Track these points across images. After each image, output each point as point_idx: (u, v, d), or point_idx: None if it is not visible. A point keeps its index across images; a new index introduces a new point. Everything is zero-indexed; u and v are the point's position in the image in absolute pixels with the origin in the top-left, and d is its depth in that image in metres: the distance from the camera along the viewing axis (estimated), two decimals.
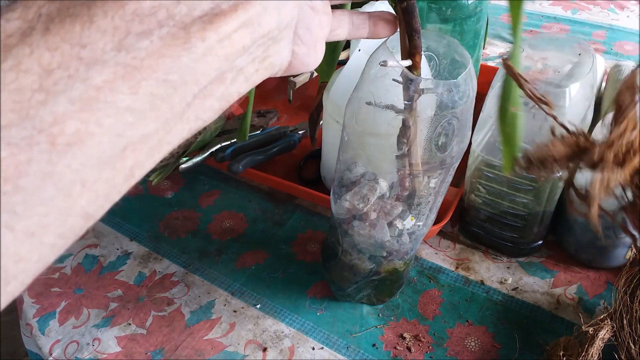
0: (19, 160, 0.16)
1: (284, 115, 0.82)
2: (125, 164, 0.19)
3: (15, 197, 0.16)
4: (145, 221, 0.67)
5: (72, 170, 0.17)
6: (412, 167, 0.41)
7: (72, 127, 0.17)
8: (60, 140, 0.17)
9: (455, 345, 0.52)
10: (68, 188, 0.18)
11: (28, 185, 0.16)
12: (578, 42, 0.53)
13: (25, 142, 0.16)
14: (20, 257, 0.17)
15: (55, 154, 0.17)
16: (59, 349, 0.53)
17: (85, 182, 0.18)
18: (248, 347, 0.52)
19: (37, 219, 0.17)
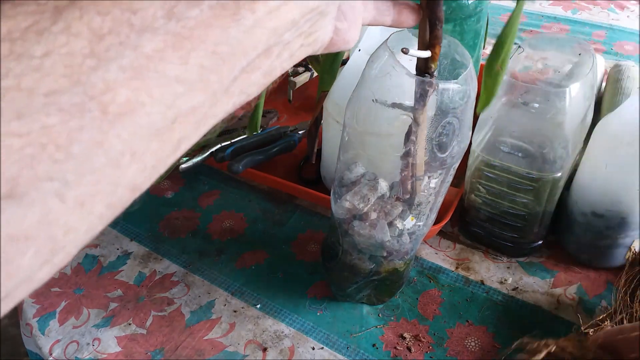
0: (70, 127, 0.16)
1: (284, 115, 0.82)
2: (173, 135, 0.19)
3: (67, 164, 0.16)
4: (145, 221, 0.67)
5: (122, 140, 0.17)
6: (414, 168, 0.41)
7: (123, 95, 0.17)
8: (111, 109, 0.16)
9: (455, 345, 0.52)
10: (118, 158, 0.17)
11: (80, 153, 0.16)
12: (578, 42, 0.53)
13: (77, 108, 0.16)
14: (70, 228, 0.17)
15: (106, 122, 0.16)
16: (59, 349, 0.53)
17: (135, 152, 0.18)
18: (248, 347, 0.52)
19: (87, 189, 0.17)
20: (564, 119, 0.48)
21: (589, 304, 0.55)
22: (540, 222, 0.57)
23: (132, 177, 0.18)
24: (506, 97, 0.51)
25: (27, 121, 0.15)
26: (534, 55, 0.53)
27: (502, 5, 1.13)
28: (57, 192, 0.16)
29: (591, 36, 1.02)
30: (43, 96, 0.15)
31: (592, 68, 0.49)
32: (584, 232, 0.56)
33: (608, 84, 0.71)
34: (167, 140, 0.19)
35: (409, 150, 0.40)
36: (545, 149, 0.51)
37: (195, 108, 0.19)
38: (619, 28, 1.04)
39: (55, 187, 0.16)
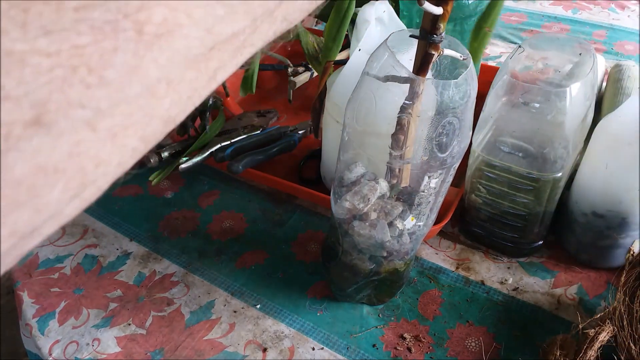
0: (104, 48, 0.14)
1: (284, 115, 0.82)
2: (210, 64, 0.17)
3: (100, 91, 0.14)
4: (145, 221, 0.66)
5: (158, 66, 0.15)
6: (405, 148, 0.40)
7: (160, 14, 0.15)
8: (148, 29, 0.15)
9: (455, 345, 0.52)
10: (154, 86, 0.16)
11: (114, 78, 0.14)
12: (579, 41, 0.53)
13: (111, 27, 0.14)
14: (101, 160, 0.15)
15: (142, 44, 0.15)
16: (59, 349, 0.53)
17: (171, 81, 0.16)
18: (248, 348, 0.52)
19: (121, 119, 0.15)
20: (564, 118, 0.48)
21: (589, 304, 0.55)
22: (540, 222, 0.56)
23: (167, 108, 0.17)
24: (506, 97, 0.50)
25: (56, 39, 0.13)
26: (535, 55, 0.53)
27: None
28: (89, 121, 0.14)
29: (592, 36, 1.02)
30: (73, 10, 0.14)
31: (592, 68, 0.49)
32: (584, 232, 0.56)
33: (608, 83, 0.71)
34: (204, 69, 0.17)
35: (402, 126, 0.38)
36: (546, 149, 0.51)
37: (235, 34, 0.17)
38: (619, 28, 1.04)
39: (88, 116, 0.14)
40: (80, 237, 0.65)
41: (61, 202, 0.15)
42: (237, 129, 0.72)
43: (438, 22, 0.33)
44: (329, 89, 0.59)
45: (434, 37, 0.34)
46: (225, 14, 0.17)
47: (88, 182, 0.16)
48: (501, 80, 0.50)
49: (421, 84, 0.37)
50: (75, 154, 0.15)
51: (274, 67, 0.85)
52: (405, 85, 0.39)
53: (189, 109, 0.18)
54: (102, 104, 0.14)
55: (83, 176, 0.15)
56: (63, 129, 0.14)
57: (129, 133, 0.16)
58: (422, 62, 0.35)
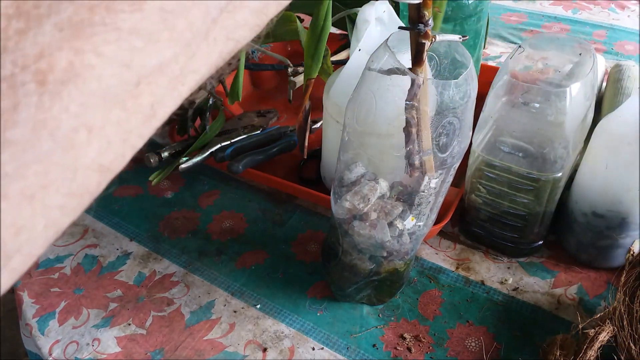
0: (2, 108, 0.13)
1: (284, 115, 0.82)
2: (141, 101, 0.16)
3: (3, 154, 0.13)
4: (145, 221, 0.66)
5: (71, 115, 0.14)
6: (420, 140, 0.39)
7: (63, 60, 0.14)
8: (50, 78, 0.13)
9: (455, 345, 0.52)
10: (70, 137, 0.14)
11: (18, 138, 0.13)
12: (579, 41, 0.53)
13: (7, 83, 0.13)
14: (21, 227, 0.14)
15: (47, 95, 0.13)
16: (59, 349, 0.53)
17: (92, 127, 0.15)
18: (248, 348, 0.52)
19: (34, 179, 0.14)
20: (564, 119, 0.48)
21: (589, 304, 0.55)
22: (540, 222, 0.56)
23: (94, 157, 0.15)
24: (507, 97, 0.50)
25: None
26: (535, 55, 0.53)
27: (502, 5, 1.13)
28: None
29: (592, 36, 1.02)
30: None
31: (592, 68, 0.49)
32: (584, 232, 0.56)
33: (608, 83, 0.71)
34: (132, 107, 0.15)
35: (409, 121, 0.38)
36: (546, 149, 0.51)
37: (164, 64, 0.16)
38: (619, 28, 1.04)
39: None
40: (80, 237, 0.65)
41: None
42: (237, 129, 0.72)
43: (422, 10, 0.33)
44: (329, 89, 0.59)
45: (419, 26, 0.34)
46: (145, 45, 0.15)
47: (11, 251, 0.14)
48: (501, 80, 0.50)
49: (420, 75, 0.36)
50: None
51: (274, 67, 0.85)
52: (406, 85, 0.39)
53: (129, 152, 0.16)
54: (8, 168, 0.13)
55: (3, 247, 0.14)
56: None
57: (50, 192, 0.14)
58: (416, 52, 0.36)
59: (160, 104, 0.16)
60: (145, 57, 0.15)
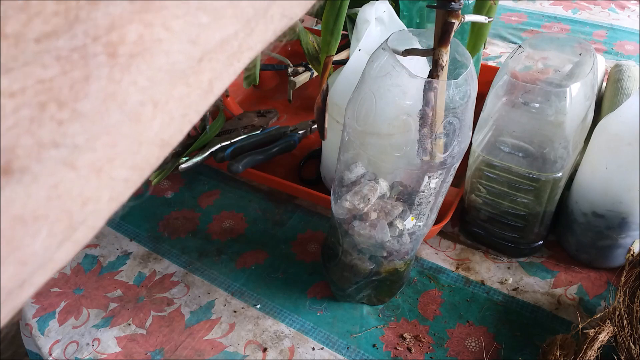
0: (74, 79, 0.13)
1: (284, 115, 0.82)
2: (202, 77, 0.16)
3: (74, 125, 0.13)
4: (145, 221, 0.66)
5: (139, 89, 0.14)
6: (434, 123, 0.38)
7: (134, 32, 0.13)
8: (122, 51, 0.13)
9: (455, 345, 0.52)
10: (137, 111, 0.14)
11: (88, 109, 0.13)
12: (579, 41, 0.53)
13: (79, 54, 0.13)
14: (88, 198, 0.14)
15: (117, 68, 0.13)
16: (59, 349, 0.53)
17: (157, 102, 0.15)
18: (248, 348, 0.52)
19: (104, 151, 0.14)
20: (564, 119, 0.48)
21: (589, 304, 0.55)
22: (540, 222, 0.56)
23: (157, 131, 0.15)
24: (507, 97, 0.50)
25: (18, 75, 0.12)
26: (535, 55, 0.53)
27: (502, 5, 1.13)
28: (65, 160, 0.13)
29: (592, 36, 1.02)
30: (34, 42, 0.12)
31: (592, 68, 0.49)
32: (584, 232, 0.56)
33: (609, 83, 0.71)
34: (194, 83, 0.16)
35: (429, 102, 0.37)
36: (546, 149, 0.51)
37: (225, 41, 0.16)
38: (619, 28, 1.04)
39: (63, 155, 0.13)
40: None
41: (49, 249, 0.14)
42: (237, 129, 0.72)
43: None
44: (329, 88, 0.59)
45: (452, 4, 0.33)
46: (210, 21, 0.15)
47: (76, 223, 0.14)
48: (501, 80, 0.50)
49: (444, 56, 0.36)
50: (56, 197, 0.13)
51: (274, 67, 0.85)
52: (406, 85, 0.39)
53: (186, 127, 0.17)
54: (79, 139, 0.13)
55: (69, 218, 0.14)
56: (37, 174, 0.13)
57: (116, 165, 0.15)
58: (443, 32, 0.34)
59: (218, 80, 0.17)
60: (210, 33, 0.15)
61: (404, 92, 0.39)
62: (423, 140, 0.39)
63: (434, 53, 0.36)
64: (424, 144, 0.40)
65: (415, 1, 0.62)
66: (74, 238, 0.15)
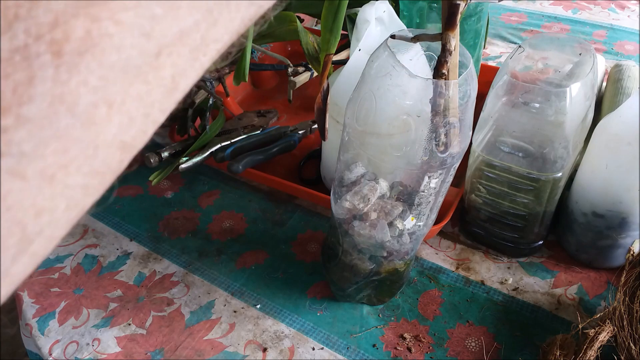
0: (16, 81, 0.12)
1: (284, 115, 0.82)
2: (163, 73, 0.15)
3: (20, 132, 0.12)
4: (145, 221, 0.66)
5: (90, 89, 0.13)
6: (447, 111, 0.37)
7: (80, 28, 0.12)
8: (67, 48, 0.12)
9: (455, 345, 0.52)
10: (89, 113, 0.13)
11: (34, 114, 0.12)
12: (579, 41, 0.53)
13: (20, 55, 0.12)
14: (41, 208, 0.13)
15: (64, 67, 0.12)
16: (59, 349, 0.53)
17: (112, 102, 0.14)
18: (248, 348, 0.52)
19: (55, 158, 0.13)
20: (564, 118, 0.48)
21: (589, 304, 0.55)
22: (540, 222, 0.56)
23: (116, 133, 0.14)
24: (507, 97, 0.50)
25: None
26: (535, 55, 0.53)
27: (502, 5, 1.13)
28: (11, 170, 0.12)
29: (592, 36, 1.02)
30: None
31: (592, 68, 0.49)
32: (584, 232, 0.56)
33: (609, 83, 0.71)
34: (154, 79, 0.15)
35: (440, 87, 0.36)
36: (546, 149, 0.51)
37: (185, 33, 0.15)
38: (619, 28, 1.04)
39: (10, 164, 0.12)
40: (80, 237, 0.65)
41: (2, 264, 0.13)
42: (237, 129, 0.72)
43: None
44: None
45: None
46: (165, 12, 0.14)
47: (32, 235, 0.14)
48: (501, 80, 0.50)
49: (452, 40, 0.35)
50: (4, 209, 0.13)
51: (274, 67, 0.85)
52: (406, 85, 0.39)
53: (151, 127, 0.15)
54: (26, 146, 0.12)
55: (22, 231, 0.13)
56: None
57: (71, 171, 0.14)
58: (450, 14, 0.34)
59: (182, 75, 0.16)
60: (165, 25, 0.14)
61: (404, 92, 0.39)
62: (435, 130, 0.38)
63: (442, 37, 0.35)
64: (438, 135, 0.39)
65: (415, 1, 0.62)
66: (31, 250, 0.14)
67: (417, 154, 0.41)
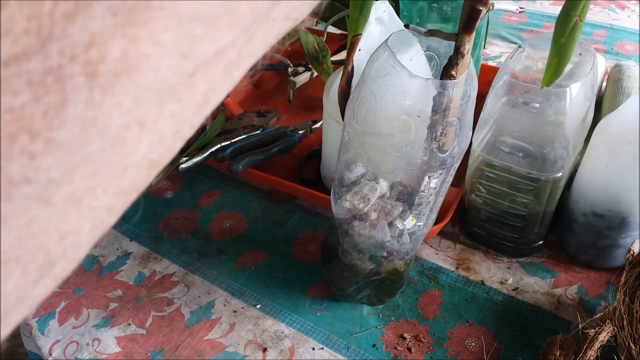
0: (48, 105, 0.11)
1: (284, 115, 0.82)
2: (196, 90, 0.14)
3: (49, 158, 0.12)
4: (145, 221, 0.66)
5: (124, 111, 0.12)
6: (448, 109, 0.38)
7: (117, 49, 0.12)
8: (102, 70, 0.12)
9: (455, 345, 0.52)
10: (121, 135, 0.13)
11: (65, 139, 0.12)
12: (579, 41, 0.53)
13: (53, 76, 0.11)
14: (66, 232, 0.13)
15: (98, 90, 0.12)
16: (59, 349, 0.53)
17: (144, 123, 0.13)
18: (248, 348, 0.52)
19: (83, 182, 0.13)
20: (564, 118, 0.48)
21: (589, 304, 0.55)
22: (540, 222, 0.56)
23: (145, 153, 0.14)
24: (507, 97, 0.50)
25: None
26: (535, 55, 0.53)
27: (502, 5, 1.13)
28: (39, 197, 0.12)
29: (592, 36, 1.02)
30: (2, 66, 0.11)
31: (592, 68, 0.49)
32: (584, 232, 0.56)
33: (609, 83, 0.71)
34: (187, 98, 0.14)
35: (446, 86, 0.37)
36: (546, 149, 0.51)
37: (222, 51, 0.14)
38: (619, 28, 1.04)
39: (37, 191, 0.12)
40: None
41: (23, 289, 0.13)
42: (237, 129, 0.72)
43: None
44: (329, 89, 0.59)
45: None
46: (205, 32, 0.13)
47: (54, 259, 0.13)
48: (501, 80, 0.50)
49: (467, 44, 0.35)
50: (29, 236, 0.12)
51: (274, 67, 0.85)
52: (406, 85, 0.39)
53: (179, 144, 0.15)
54: (54, 172, 0.12)
55: (45, 255, 0.13)
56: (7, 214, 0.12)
57: (98, 194, 0.13)
58: (469, 19, 0.34)
59: (214, 91, 0.15)
60: (204, 45, 0.14)
61: (404, 92, 0.39)
62: (434, 126, 0.38)
63: (457, 39, 0.35)
64: (435, 130, 0.39)
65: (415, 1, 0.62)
66: (52, 274, 0.14)
67: (417, 154, 0.41)
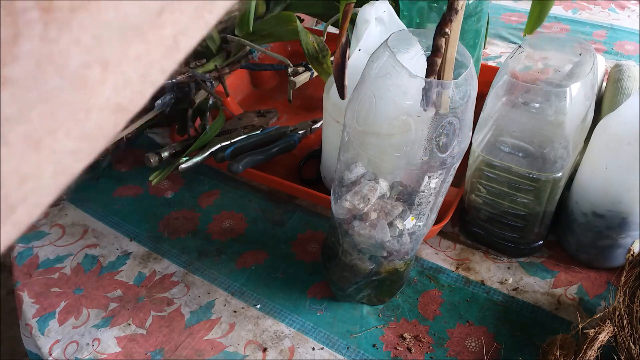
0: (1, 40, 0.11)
1: (284, 115, 0.82)
2: (164, 32, 0.14)
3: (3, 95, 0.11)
4: (145, 221, 0.66)
5: (82, 48, 0.12)
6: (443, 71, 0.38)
7: None
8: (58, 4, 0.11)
9: (455, 345, 0.52)
10: (81, 74, 0.12)
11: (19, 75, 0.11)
12: (579, 41, 0.53)
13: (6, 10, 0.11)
14: (25, 175, 0.13)
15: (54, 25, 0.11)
16: (59, 349, 0.53)
17: (107, 63, 0.13)
18: (248, 348, 0.52)
19: (41, 122, 0.12)
20: (564, 118, 0.48)
21: (589, 304, 0.55)
22: (540, 222, 0.56)
23: (110, 95, 0.13)
24: (507, 97, 0.50)
25: None
26: (535, 55, 0.53)
27: (502, 5, 1.13)
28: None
29: (592, 36, 1.02)
30: None
31: (592, 68, 0.49)
32: (584, 232, 0.56)
33: (608, 83, 0.71)
34: (154, 39, 0.14)
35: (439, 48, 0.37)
36: (546, 149, 0.51)
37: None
38: (619, 28, 1.04)
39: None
40: (80, 237, 0.65)
41: None
42: (237, 129, 0.72)
43: None
44: (329, 89, 0.59)
45: None
46: None
47: (14, 202, 0.13)
48: (501, 80, 0.50)
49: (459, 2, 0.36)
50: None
51: (274, 67, 0.85)
52: (406, 85, 0.39)
53: (148, 89, 0.15)
54: (9, 110, 0.11)
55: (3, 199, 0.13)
56: None
57: (59, 136, 0.13)
58: None
59: (184, 34, 0.14)
60: None
61: (404, 92, 0.39)
62: (429, 88, 0.38)
63: None
64: (429, 93, 0.38)
65: (415, 1, 0.62)
66: (13, 219, 0.13)
67: (417, 154, 0.41)
